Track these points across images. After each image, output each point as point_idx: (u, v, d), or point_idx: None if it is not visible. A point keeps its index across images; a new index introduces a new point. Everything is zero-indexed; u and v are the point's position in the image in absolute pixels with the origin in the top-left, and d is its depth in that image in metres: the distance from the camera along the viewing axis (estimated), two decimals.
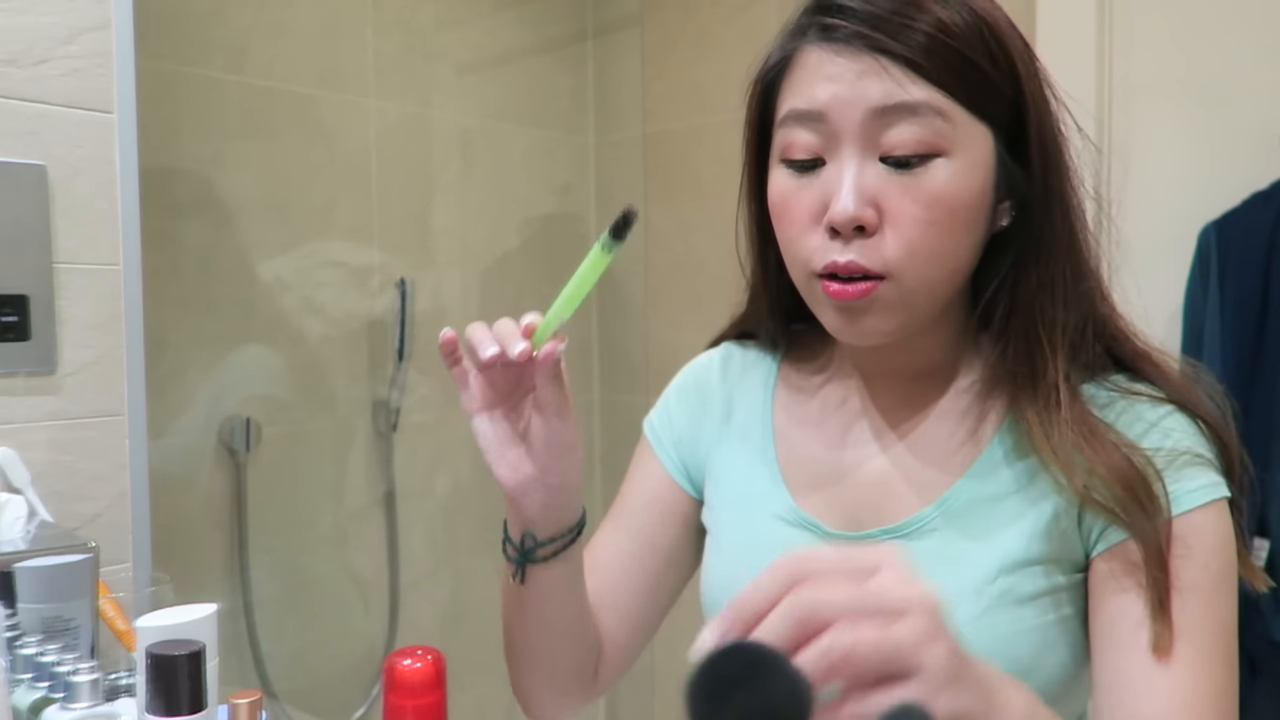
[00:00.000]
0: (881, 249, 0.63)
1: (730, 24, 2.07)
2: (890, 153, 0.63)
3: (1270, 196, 1.39)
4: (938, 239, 0.64)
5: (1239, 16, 1.46)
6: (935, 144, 0.63)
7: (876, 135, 0.63)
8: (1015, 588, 0.65)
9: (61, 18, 1.18)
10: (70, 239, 1.19)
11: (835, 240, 0.64)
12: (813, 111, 0.65)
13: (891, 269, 0.64)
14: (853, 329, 0.67)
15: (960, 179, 0.63)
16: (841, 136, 0.64)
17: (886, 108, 0.62)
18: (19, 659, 0.82)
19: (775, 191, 0.69)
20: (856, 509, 0.72)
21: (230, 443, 1.71)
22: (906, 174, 0.63)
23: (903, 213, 0.63)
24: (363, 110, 1.89)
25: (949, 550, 0.67)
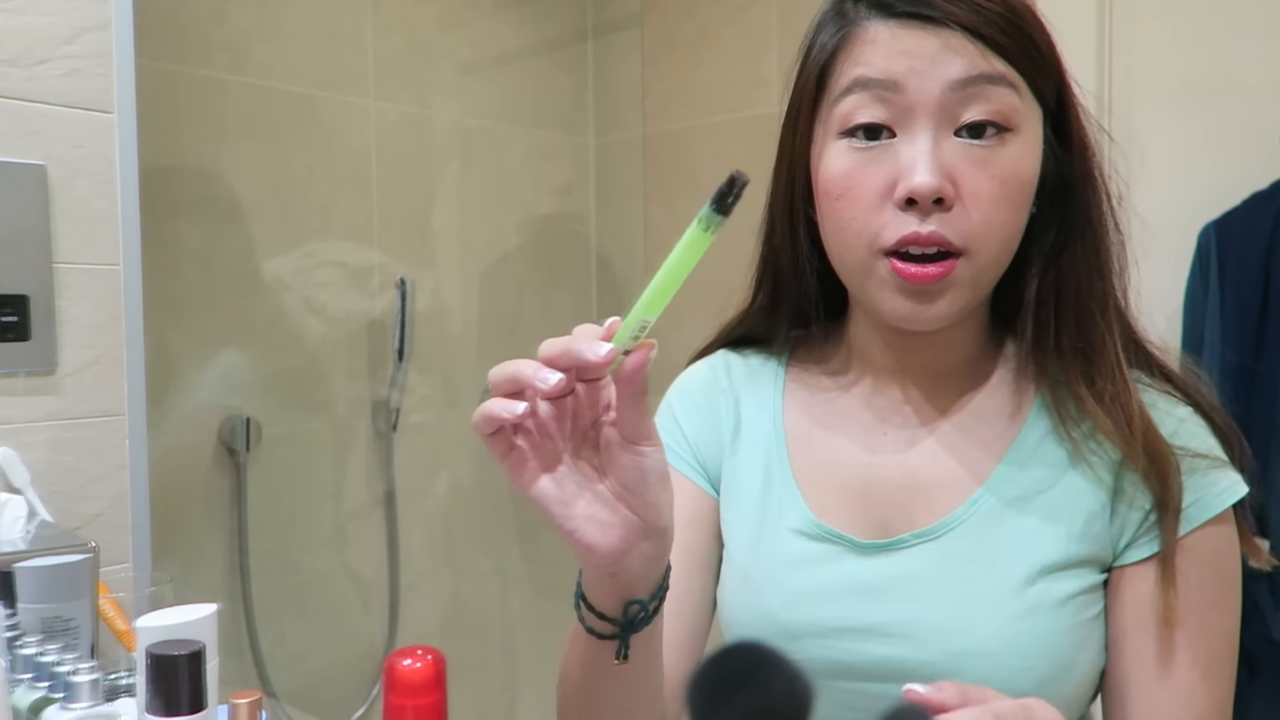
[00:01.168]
0: (961, 224, 0.62)
1: (730, 24, 2.07)
2: (966, 125, 0.62)
3: (1270, 196, 1.39)
4: (1010, 215, 0.63)
5: (1239, 16, 1.46)
6: (1009, 118, 0.62)
7: (953, 109, 0.62)
8: (1054, 589, 0.64)
9: (61, 18, 1.18)
10: (70, 239, 1.19)
11: (911, 213, 0.62)
12: (886, 80, 0.62)
13: (970, 244, 0.62)
14: (923, 313, 0.64)
15: (1027, 157, 0.64)
16: (916, 109, 0.62)
17: (968, 79, 0.61)
18: (19, 659, 0.82)
19: (833, 168, 0.65)
20: (884, 514, 0.69)
21: (230, 443, 1.71)
22: (982, 149, 0.62)
23: (980, 188, 0.62)
24: (363, 110, 1.89)
25: (983, 551, 0.65)
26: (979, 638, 0.63)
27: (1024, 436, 0.68)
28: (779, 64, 1.98)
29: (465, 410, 2.10)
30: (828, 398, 0.76)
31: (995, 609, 0.63)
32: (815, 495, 0.71)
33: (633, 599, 0.59)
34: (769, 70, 1.99)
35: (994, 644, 0.63)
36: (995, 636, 0.63)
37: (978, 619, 0.63)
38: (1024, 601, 0.63)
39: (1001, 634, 0.63)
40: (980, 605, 0.64)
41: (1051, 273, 0.68)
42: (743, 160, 1.74)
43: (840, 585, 0.68)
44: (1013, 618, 0.63)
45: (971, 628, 0.63)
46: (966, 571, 0.65)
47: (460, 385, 2.09)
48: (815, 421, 0.75)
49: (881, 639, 0.65)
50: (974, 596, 0.64)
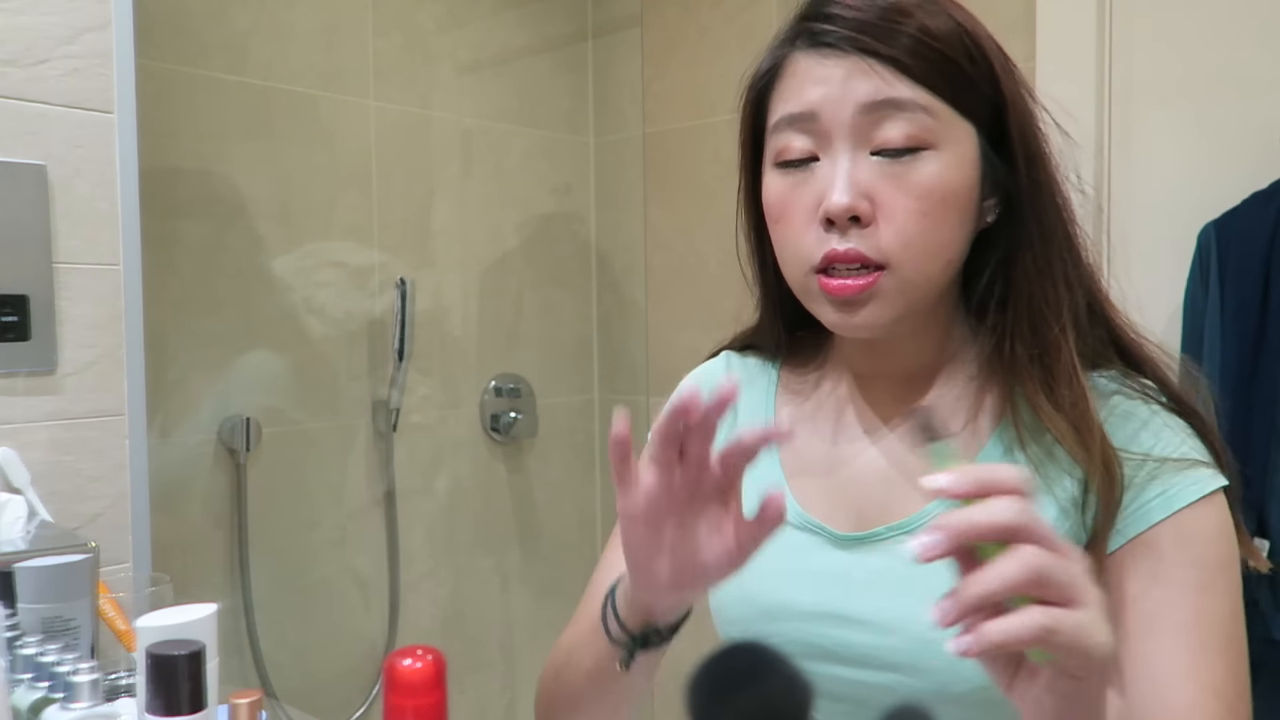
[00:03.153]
0: (878, 239, 0.65)
1: (730, 24, 2.07)
2: (881, 147, 0.65)
3: (1270, 196, 1.38)
4: (931, 229, 0.66)
5: (1239, 17, 1.46)
6: (923, 138, 0.65)
7: (867, 131, 0.66)
8: None
9: (61, 18, 1.18)
10: (70, 239, 1.19)
11: (832, 232, 0.66)
12: (804, 113, 0.67)
13: (889, 258, 0.65)
14: (852, 322, 0.67)
15: (949, 171, 0.66)
16: (833, 134, 0.66)
17: (875, 103, 0.65)
18: (19, 659, 0.82)
19: (770, 194, 0.71)
20: (861, 508, 0.73)
21: (230, 443, 1.71)
22: (897, 166, 0.65)
23: (896, 204, 0.65)
24: (363, 110, 1.89)
25: None
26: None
27: (995, 438, 0.70)
28: None
29: (465, 410, 2.11)
30: (815, 399, 0.79)
31: None
32: (800, 489, 0.75)
33: (653, 626, 0.67)
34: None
35: None
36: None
37: None
38: None
39: None
40: None
41: (1000, 281, 0.70)
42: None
43: (818, 573, 0.72)
44: None
45: None
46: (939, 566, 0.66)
47: (460, 385, 2.09)
48: (803, 421, 0.79)
49: (854, 625, 0.69)
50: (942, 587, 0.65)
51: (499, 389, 2.14)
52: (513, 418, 2.14)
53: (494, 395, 2.14)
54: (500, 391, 2.14)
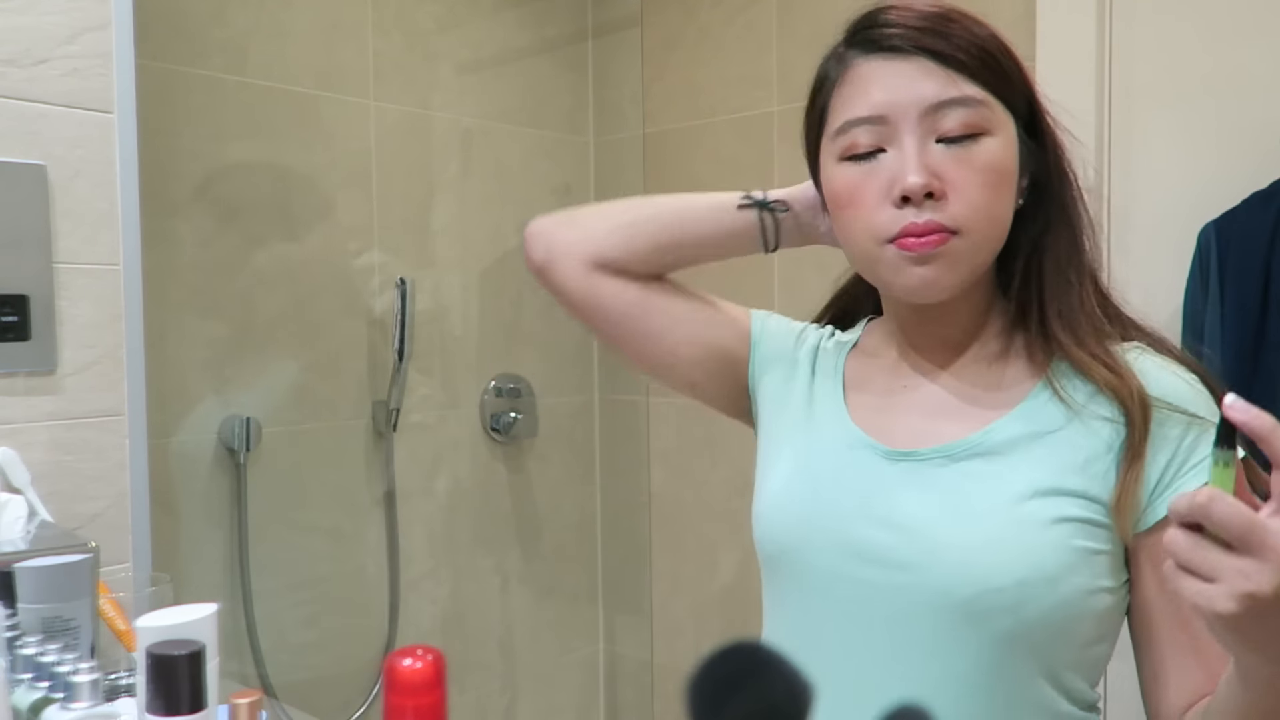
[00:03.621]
0: (950, 209, 0.73)
1: (730, 24, 2.07)
2: (945, 135, 0.74)
3: (1270, 196, 1.38)
4: (994, 200, 0.74)
5: (1239, 17, 1.46)
6: (981, 125, 0.74)
7: (932, 123, 0.74)
8: (1045, 510, 0.72)
9: (61, 18, 1.18)
10: (70, 239, 1.19)
11: (906, 208, 0.73)
12: (873, 115, 0.75)
13: (961, 225, 0.73)
14: (926, 281, 0.75)
15: (1003, 151, 0.75)
16: (901, 128, 0.74)
17: (941, 102, 0.73)
18: (19, 659, 0.82)
19: (838, 183, 0.78)
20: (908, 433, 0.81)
21: (230, 443, 1.71)
22: (960, 150, 0.74)
23: (964, 180, 0.73)
24: (363, 110, 1.89)
25: (989, 471, 0.75)
26: (966, 532, 0.73)
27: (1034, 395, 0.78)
28: (779, 64, 1.98)
29: (465, 410, 2.11)
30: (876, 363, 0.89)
31: (986, 512, 0.73)
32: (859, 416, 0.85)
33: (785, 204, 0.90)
34: (769, 70, 1.99)
35: (978, 539, 0.72)
36: (980, 533, 0.72)
37: (969, 517, 0.73)
38: (1015, 512, 0.72)
39: (986, 532, 0.72)
40: (974, 508, 0.74)
41: (1037, 253, 0.79)
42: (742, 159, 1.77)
43: (864, 481, 0.80)
44: (1000, 522, 0.72)
45: (962, 524, 0.73)
46: (969, 483, 0.75)
47: (460, 385, 2.09)
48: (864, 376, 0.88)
49: (886, 527, 0.76)
50: (970, 501, 0.74)
51: (499, 389, 2.14)
52: (513, 418, 2.14)
53: (494, 395, 2.14)
54: (500, 391, 2.14)
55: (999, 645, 0.72)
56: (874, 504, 0.78)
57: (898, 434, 0.81)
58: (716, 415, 1.00)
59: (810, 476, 0.83)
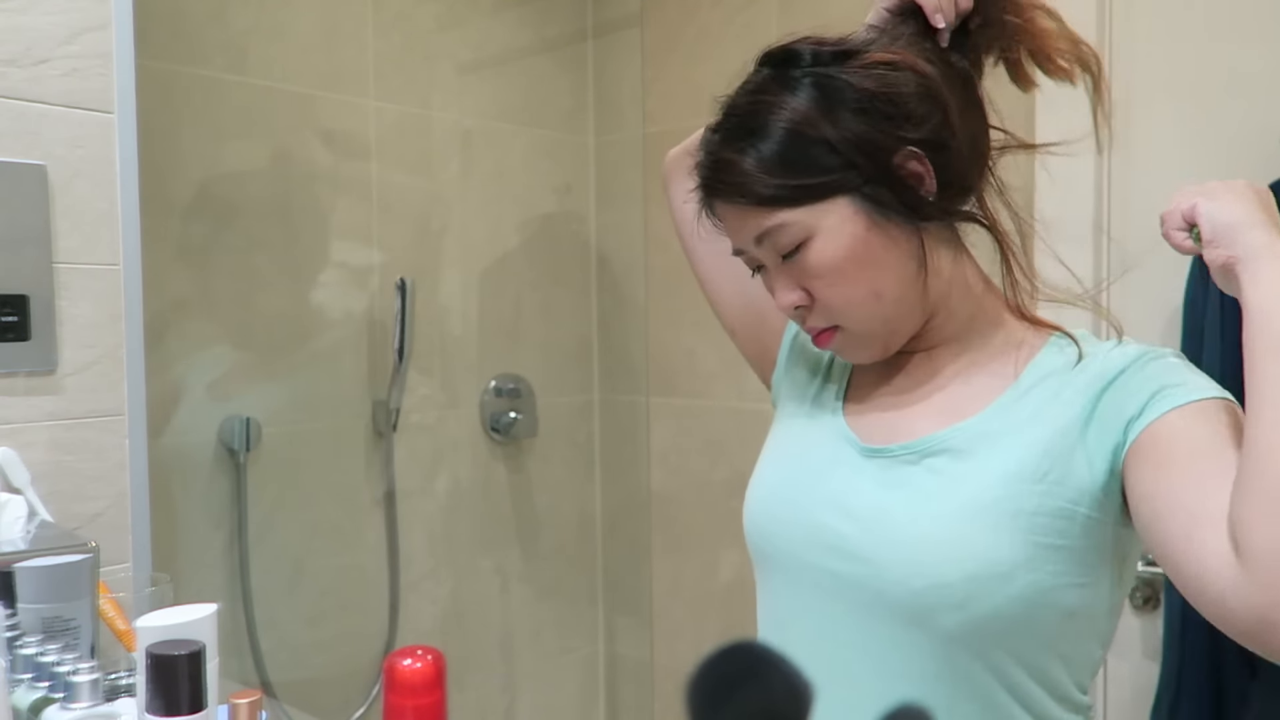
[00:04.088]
0: (824, 312, 0.79)
1: (730, 24, 2.07)
2: (780, 254, 0.78)
3: None
4: (857, 285, 0.77)
5: (1239, 17, 1.46)
6: (797, 238, 0.77)
7: (768, 251, 0.79)
8: (1006, 503, 0.72)
9: (61, 18, 1.18)
10: (70, 239, 1.19)
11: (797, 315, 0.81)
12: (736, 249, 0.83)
13: (840, 320, 0.79)
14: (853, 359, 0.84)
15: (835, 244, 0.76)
16: (757, 256, 0.81)
17: (758, 236, 0.78)
18: (19, 659, 0.82)
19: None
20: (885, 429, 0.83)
21: (230, 443, 1.71)
22: (797, 264, 0.78)
23: (815, 286, 0.78)
24: (363, 110, 1.89)
25: (955, 467, 0.76)
26: (920, 526, 0.74)
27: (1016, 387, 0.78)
28: None
29: (465, 410, 2.11)
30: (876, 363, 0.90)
31: (945, 507, 0.74)
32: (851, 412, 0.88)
33: None
34: None
35: (931, 534, 0.73)
36: (933, 526, 0.73)
37: (924, 511, 0.74)
38: (973, 504, 0.73)
39: (938, 525, 0.73)
40: (933, 503, 0.75)
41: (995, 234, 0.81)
42: None
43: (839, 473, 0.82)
44: (954, 513, 0.73)
45: (918, 519, 0.74)
46: (934, 479, 0.76)
47: (460, 385, 2.09)
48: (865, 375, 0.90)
49: (850, 519, 0.78)
50: (931, 497, 0.75)
51: (499, 389, 2.14)
52: (513, 418, 2.14)
53: (494, 395, 2.14)
54: (500, 391, 2.14)
55: (952, 640, 0.72)
56: (844, 497, 0.80)
57: (879, 429, 0.83)
58: (716, 415, 1.03)
59: (793, 469, 0.87)
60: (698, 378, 2.16)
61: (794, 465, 0.87)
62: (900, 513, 0.76)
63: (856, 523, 0.78)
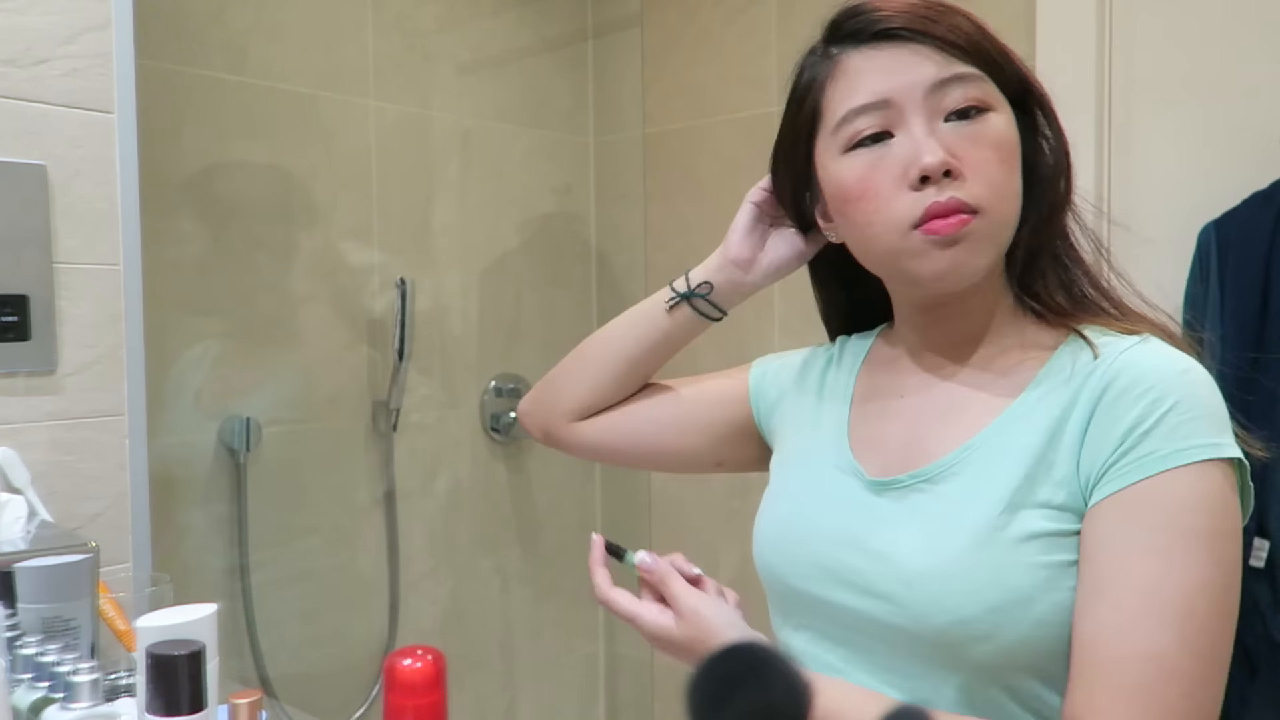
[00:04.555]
0: (969, 188, 0.71)
1: (730, 25, 2.07)
2: (953, 110, 0.72)
3: (1270, 196, 1.38)
4: (1008, 176, 0.73)
5: (1239, 16, 1.46)
6: (986, 101, 0.73)
7: (937, 102, 0.72)
8: (1019, 526, 0.69)
9: (61, 18, 1.18)
10: (70, 239, 1.19)
11: (926, 189, 0.71)
12: (876, 100, 0.73)
13: (981, 204, 0.71)
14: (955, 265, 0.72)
15: (1009, 128, 0.74)
16: (907, 110, 0.72)
17: (944, 80, 0.72)
18: (19, 659, 0.82)
19: (847, 176, 0.75)
20: (889, 460, 0.79)
21: (230, 443, 1.71)
22: (971, 126, 0.72)
23: (978, 158, 0.72)
24: (363, 110, 1.89)
25: (964, 493, 0.73)
26: (935, 561, 0.71)
27: (1024, 398, 0.74)
28: (779, 64, 1.97)
29: (465, 410, 2.11)
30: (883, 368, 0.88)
31: (955, 537, 0.71)
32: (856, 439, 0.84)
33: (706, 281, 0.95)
34: (769, 70, 1.98)
35: (948, 567, 0.70)
36: (950, 561, 0.70)
37: (939, 545, 0.71)
38: (984, 532, 0.70)
39: (955, 559, 0.70)
40: (945, 533, 0.71)
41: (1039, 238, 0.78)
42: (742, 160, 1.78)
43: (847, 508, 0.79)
44: (969, 546, 0.70)
45: (932, 552, 0.71)
46: (943, 506, 0.73)
47: (460, 385, 2.09)
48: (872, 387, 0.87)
49: (864, 554, 0.75)
50: (942, 526, 0.72)
51: (499, 389, 2.14)
52: (513, 418, 2.14)
53: (494, 395, 2.14)
54: (500, 391, 2.14)
55: (983, 671, 0.70)
56: (855, 533, 0.77)
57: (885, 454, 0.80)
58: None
59: (800, 501, 0.84)
60: None
61: (798, 500, 0.84)
62: (912, 547, 0.73)
63: (871, 558, 0.75)
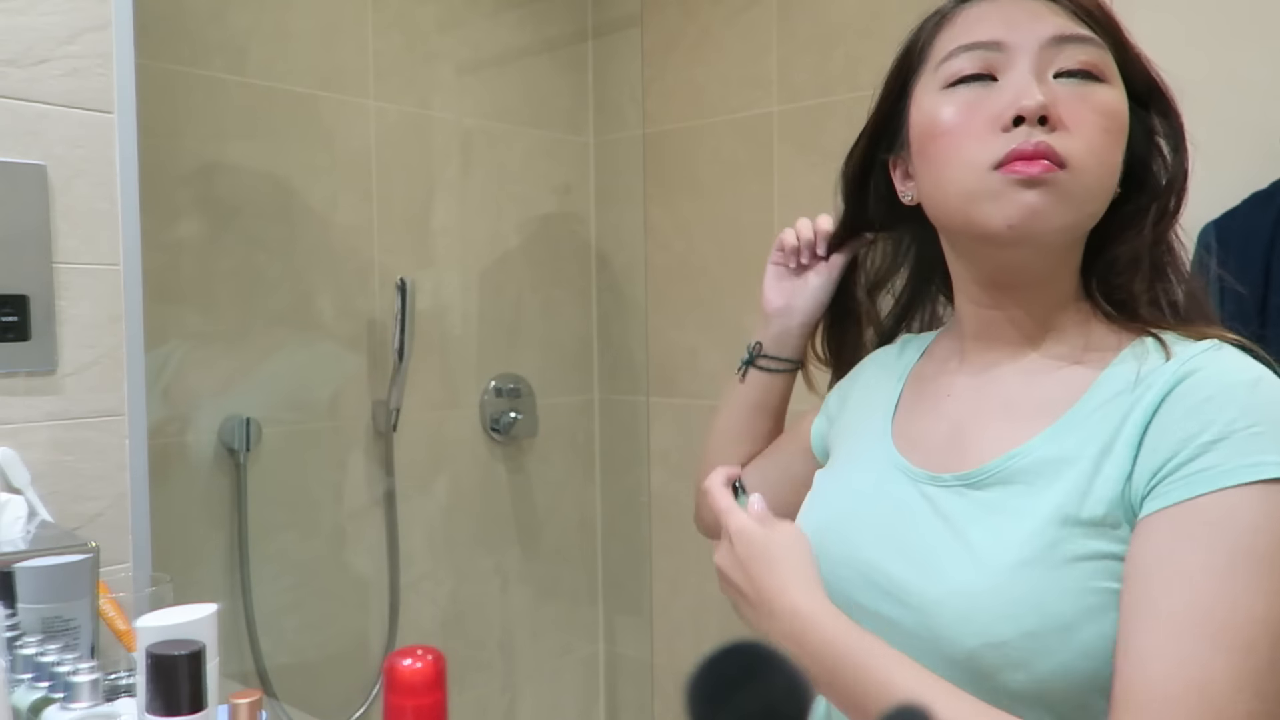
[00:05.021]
0: (1064, 141, 0.67)
1: (730, 25, 2.07)
2: (1064, 69, 0.69)
3: (1270, 196, 1.38)
4: (1110, 146, 0.69)
5: (1239, 16, 1.46)
6: (1103, 70, 0.70)
7: (1051, 57, 0.69)
8: (1068, 546, 0.63)
9: (61, 18, 1.18)
10: (70, 239, 1.19)
11: (1017, 131, 0.67)
12: (989, 41, 0.70)
13: (1073, 160, 0.67)
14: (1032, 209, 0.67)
15: (1121, 103, 0.70)
16: (1017, 58, 0.69)
17: (1064, 36, 0.69)
18: (19, 659, 0.82)
19: (938, 110, 0.72)
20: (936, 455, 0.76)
21: (230, 443, 1.71)
22: (1082, 87, 0.69)
23: (1082, 117, 0.68)
24: (363, 110, 1.89)
25: (1010, 502, 0.68)
26: (972, 577, 0.65)
27: (1083, 403, 0.69)
28: (779, 64, 1.98)
29: (465, 410, 2.11)
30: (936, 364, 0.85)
31: (997, 553, 0.65)
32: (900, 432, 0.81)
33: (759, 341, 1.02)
34: (769, 70, 1.98)
35: (984, 584, 0.65)
36: (987, 579, 0.65)
37: (978, 559, 0.66)
38: (1027, 551, 0.64)
39: (993, 577, 0.64)
40: (986, 547, 0.66)
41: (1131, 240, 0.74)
42: (742, 159, 1.78)
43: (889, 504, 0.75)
44: (1010, 565, 0.64)
45: (970, 566, 0.66)
46: (988, 516, 0.68)
47: (460, 385, 2.09)
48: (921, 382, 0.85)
49: (902, 559, 0.71)
50: (984, 539, 0.67)
51: (499, 389, 2.14)
52: (513, 418, 2.14)
53: (494, 395, 2.14)
54: (500, 391, 2.14)
55: (1016, 700, 0.63)
56: (894, 531, 0.73)
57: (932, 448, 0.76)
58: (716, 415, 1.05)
59: (843, 499, 0.81)
60: (698, 378, 2.16)
61: (844, 497, 0.81)
62: (950, 558, 0.68)
63: (907, 563, 0.70)
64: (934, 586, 0.67)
